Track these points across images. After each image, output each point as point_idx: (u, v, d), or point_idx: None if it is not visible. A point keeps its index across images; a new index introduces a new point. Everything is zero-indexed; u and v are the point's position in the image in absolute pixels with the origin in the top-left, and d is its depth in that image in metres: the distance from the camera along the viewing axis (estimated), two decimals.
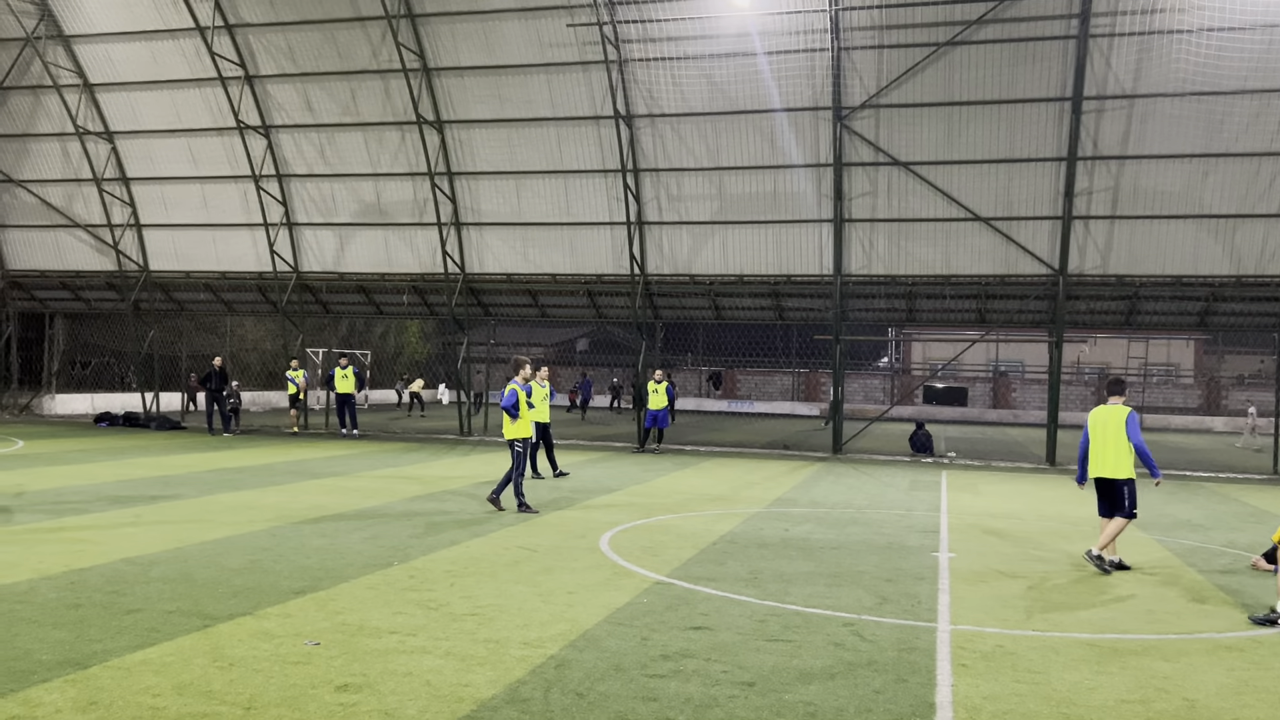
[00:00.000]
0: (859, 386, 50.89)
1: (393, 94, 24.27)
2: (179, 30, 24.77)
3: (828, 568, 9.63)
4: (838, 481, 17.82)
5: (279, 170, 26.01)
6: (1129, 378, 48.64)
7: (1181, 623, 7.86)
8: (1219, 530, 13.21)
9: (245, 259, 27.42)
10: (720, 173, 23.26)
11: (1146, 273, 21.65)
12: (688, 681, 5.92)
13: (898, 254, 22.75)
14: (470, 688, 5.68)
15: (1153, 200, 21.14)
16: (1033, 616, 7.89)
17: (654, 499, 14.53)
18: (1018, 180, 21.59)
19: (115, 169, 27.26)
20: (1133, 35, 19.90)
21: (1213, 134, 20.34)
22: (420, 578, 8.58)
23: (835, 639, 6.97)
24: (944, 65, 21.04)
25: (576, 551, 10.10)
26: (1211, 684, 6.24)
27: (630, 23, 22.07)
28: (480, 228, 25.33)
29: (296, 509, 12.48)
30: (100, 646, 6.23)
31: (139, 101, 26.37)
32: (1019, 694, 5.92)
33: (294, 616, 7.12)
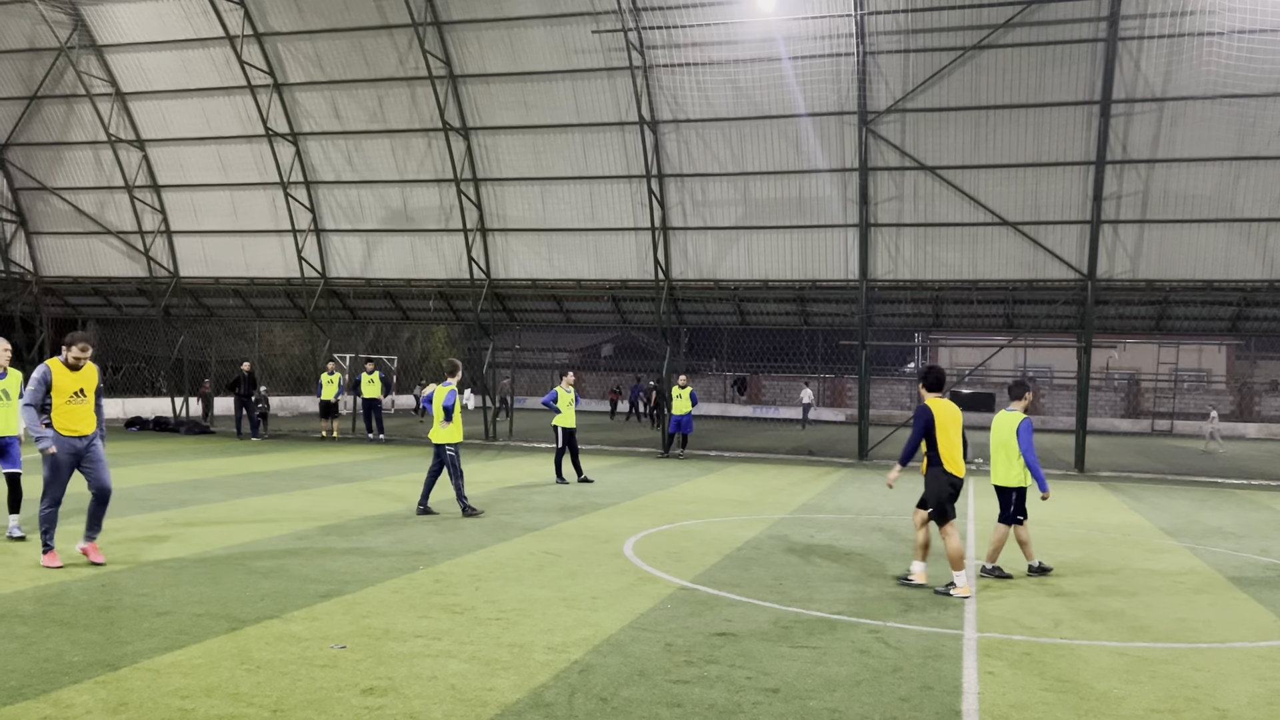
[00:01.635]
0: (885, 392, 50.61)
1: (419, 101, 24.44)
2: (209, 39, 25.08)
3: (853, 574, 9.58)
4: (863, 488, 17.73)
5: (307, 177, 26.25)
6: (1159, 383, 48.14)
7: (1213, 631, 7.76)
8: (1252, 538, 13.03)
9: (274, 265, 27.67)
10: (745, 178, 23.24)
11: (1177, 277, 21.41)
12: (712, 687, 5.91)
13: (924, 259, 22.63)
14: (494, 692, 5.70)
15: (1183, 204, 20.91)
16: (1061, 624, 7.82)
17: (678, 504, 14.52)
18: (1045, 184, 21.43)
19: (146, 176, 27.61)
20: (1162, 38, 19.72)
21: (1244, 137, 20.10)
22: (445, 582, 8.61)
23: (860, 646, 6.93)
24: (971, 69, 20.93)
25: (601, 556, 10.11)
26: (1243, 694, 6.16)
27: (655, 28, 22.11)
28: (506, 233, 25.44)
29: (323, 513, 12.57)
30: (130, 648, 6.30)
31: (170, 110, 26.71)
32: (1046, 702, 5.86)
33: (320, 620, 7.17)
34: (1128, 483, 20.37)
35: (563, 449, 17.08)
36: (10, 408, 10.01)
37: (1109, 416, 47.28)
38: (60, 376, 8.78)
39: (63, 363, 8.85)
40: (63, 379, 8.79)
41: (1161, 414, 45.94)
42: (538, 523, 12.31)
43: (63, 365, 8.83)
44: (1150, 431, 44.03)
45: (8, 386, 10.05)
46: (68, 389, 8.79)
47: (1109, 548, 11.79)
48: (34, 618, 6.98)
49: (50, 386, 8.71)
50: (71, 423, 8.77)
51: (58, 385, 8.75)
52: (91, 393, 8.92)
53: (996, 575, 9.71)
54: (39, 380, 8.68)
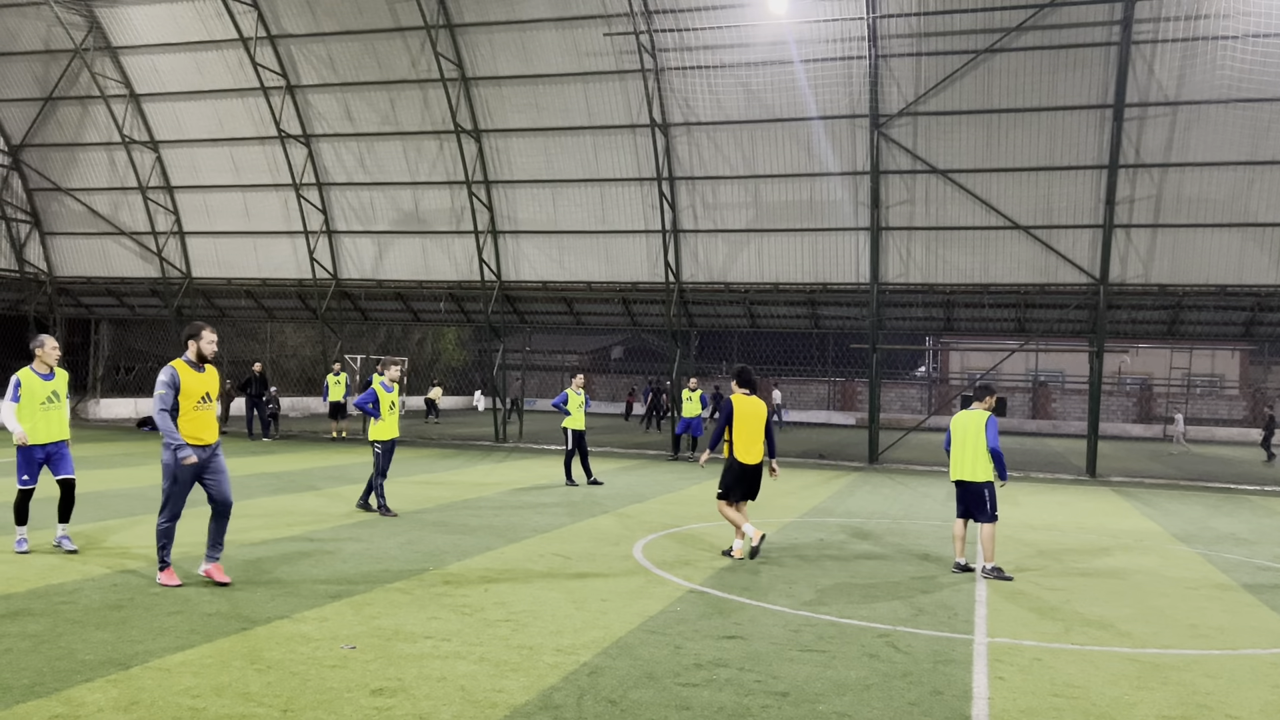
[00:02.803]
0: (896, 396, 50.52)
1: (431, 103, 24.51)
2: (223, 41, 25.20)
3: (863, 578, 9.56)
4: (874, 491, 17.69)
5: (319, 179, 26.34)
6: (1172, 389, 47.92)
7: (1225, 638, 7.72)
8: (1265, 545, 12.95)
9: (285, 266, 27.77)
10: (756, 181, 23.23)
11: (1190, 282, 21.32)
12: (721, 690, 5.91)
13: (935, 262, 22.58)
14: (504, 693, 5.71)
15: (1196, 208, 20.82)
16: (1072, 630, 7.78)
17: (688, 507, 14.51)
18: (1058, 188, 21.37)
19: (160, 177, 27.75)
20: (1176, 41, 19.65)
21: (1259, 141, 20.01)
22: (455, 583, 8.63)
23: (870, 650, 6.92)
24: (983, 72, 20.89)
25: (610, 559, 10.11)
26: (1256, 701, 6.12)
27: (667, 31, 22.13)
28: (517, 236, 25.49)
29: (333, 514, 12.60)
30: (142, 647, 6.33)
31: (183, 111, 26.85)
32: (1057, 708, 5.84)
33: (330, 620, 7.19)
34: (1140, 488, 20.27)
35: (572, 451, 17.08)
36: (60, 410, 9.38)
37: (1121, 421, 47.09)
38: (188, 379, 8.05)
39: (186, 361, 8.13)
40: (190, 381, 8.07)
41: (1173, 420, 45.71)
42: (547, 524, 12.31)
43: (188, 366, 8.10)
44: (1163, 437, 43.82)
45: (57, 388, 9.40)
46: (195, 392, 8.09)
47: (1121, 553, 11.74)
48: (46, 616, 7.02)
49: (179, 390, 7.98)
50: (198, 430, 8.09)
51: (185, 389, 8.01)
52: (215, 397, 8.31)
53: (997, 576, 9.71)
54: (168, 384, 7.96)
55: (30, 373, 9.27)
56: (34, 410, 9.17)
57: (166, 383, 7.97)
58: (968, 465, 9.96)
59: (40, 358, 9.30)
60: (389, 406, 12.90)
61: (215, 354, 8.23)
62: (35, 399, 9.19)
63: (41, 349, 9.30)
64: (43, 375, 9.30)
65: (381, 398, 12.79)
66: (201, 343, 8.14)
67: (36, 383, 9.24)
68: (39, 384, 9.25)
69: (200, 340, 8.14)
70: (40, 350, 9.29)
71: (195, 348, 8.14)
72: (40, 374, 9.29)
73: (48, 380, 9.31)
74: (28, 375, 9.25)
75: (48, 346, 9.33)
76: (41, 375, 9.30)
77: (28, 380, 9.22)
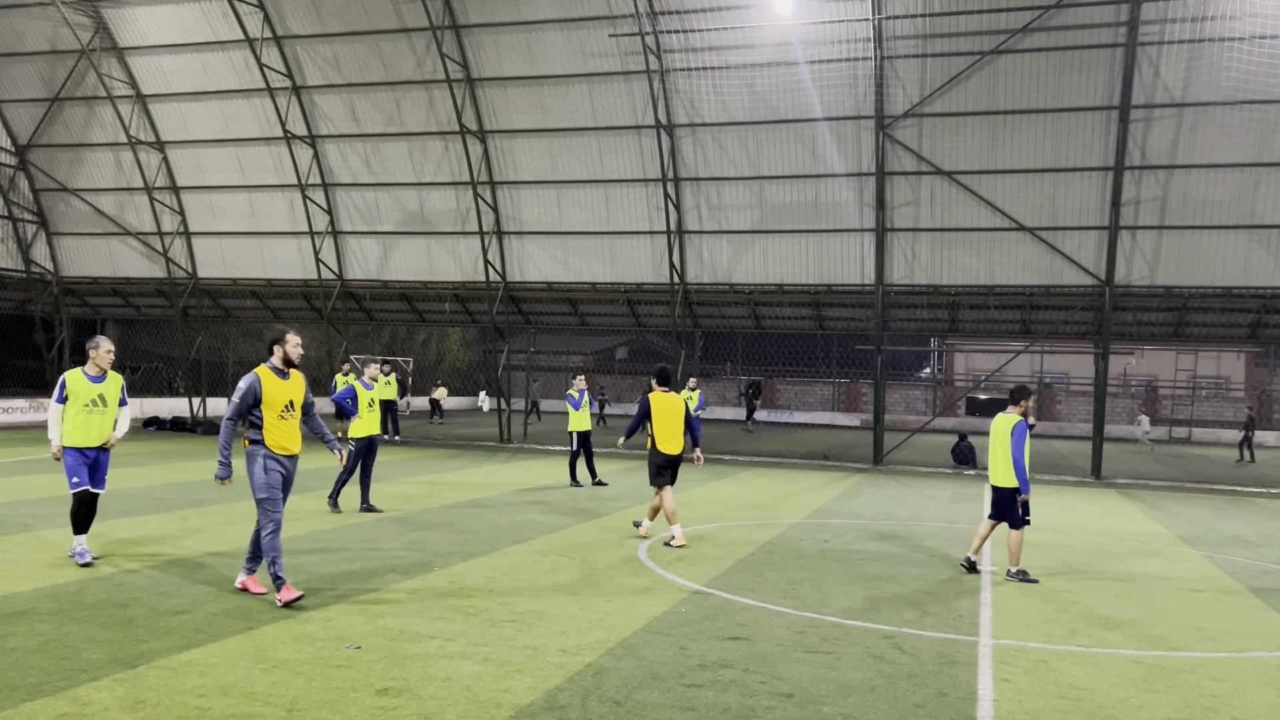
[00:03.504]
0: (901, 397, 50.46)
1: (436, 104, 24.53)
2: (229, 42, 25.24)
3: (868, 580, 9.55)
4: (878, 493, 17.67)
5: (324, 179, 26.38)
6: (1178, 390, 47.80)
7: (1231, 641, 7.70)
8: (1270, 547, 12.92)
9: (291, 266, 27.82)
10: (761, 182, 23.23)
11: (1195, 284, 21.28)
12: (725, 692, 5.91)
13: (940, 264, 22.56)
14: (509, 694, 5.71)
15: (1202, 210, 20.79)
16: (1077, 632, 7.78)
17: (692, 509, 14.51)
18: (1063, 190, 21.34)
19: (166, 178, 27.81)
20: (1182, 43, 19.62)
21: (1264, 143, 19.97)
22: (460, 584, 8.64)
23: (875, 651, 6.91)
24: (988, 74, 20.86)
25: (615, 560, 10.11)
26: (1261, 703, 6.11)
27: (672, 32, 22.14)
28: (521, 236, 25.51)
29: (338, 515, 12.62)
30: (148, 646, 6.35)
31: (189, 112, 26.90)
32: (1062, 710, 5.83)
33: (336, 620, 7.20)
34: (1145, 490, 20.23)
35: (577, 452, 17.09)
36: (107, 415, 8.94)
37: (1126, 423, 46.97)
38: (271, 387, 7.62)
39: (271, 368, 7.69)
40: (274, 390, 7.62)
41: (1179, 421, 45.62)
42: (552, 525, 12.32)
43: (273, 373, 7.67)
44: (1168, 439, 43.74)
45: (105, 391, 8.94)
46: (279, 401, 7.65)
47: (1126, 555, 11.73)
48: (53, 616, 7.04)
49: (259, 399, 7.58)
50: (284, 440, 7.70)
51: (268, 398, 7.60)
52: (300, 404, 7.87)
53: (1021, 579, 9.68)
54: (247, 391, 7.53)
55: (79, 374, 8.93)
56: (78, 412, 8.81)
57: (245, 391, 7.54)
58: (998, 470, 9.85)
59: (93, 359, 8.94)
60: (368, 405, 13.14)
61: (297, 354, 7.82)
62: (79, 400, 8.82)
63: (95, 350, 8.95)
64: (92, 377, 8.93)
65: (361, 395, 13.04)
66: (287, 347, 7.75)
67: (82, 384, 8.88)
68: (85, 386, 8.88)
69: (286, 344, 7.74)
70: (94, 352, 8.94)
71: (281, 352, 7.75)
72: (90, 376, 8.92)
73: (96, 383, 8.93)
74: (74, 376, 8.91)
75: (102, 349, 8.96)
76: (91, 377, 8.92)
77: (73, 381, 8.88)
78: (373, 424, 13.19)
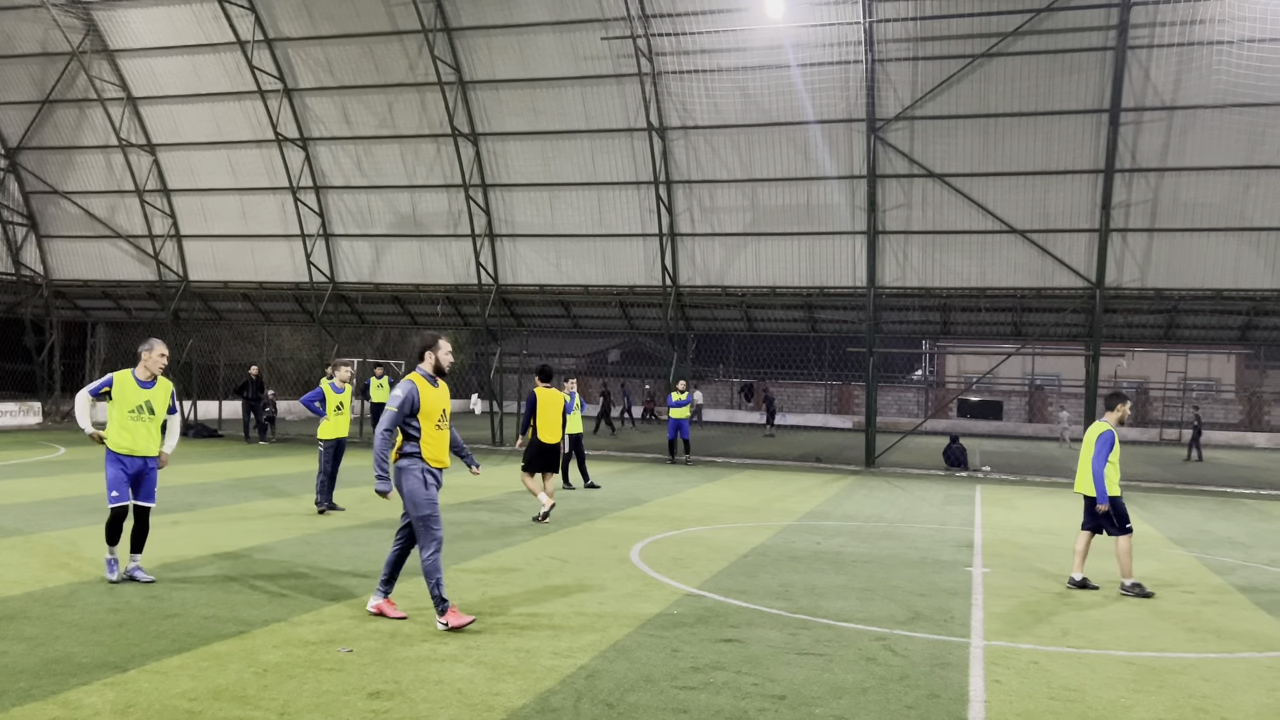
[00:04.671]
0: (893, 399, 50.56)
1: (429, 107, 24.52)
2: (220, 44, 25.19)
3: (860, 581, 9.57)
4: (871, 495, 17.70)
5: (316, 182, 26.34)
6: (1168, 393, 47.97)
7: (1221, 642, 7.73)
8: (1261, 549, 12.98)
9: (283, 269, 27.77)
10: (753, 184, 23.26)
11: (1186, 286, 21.36)
12: (718, 694, 5.91)
13: (932, 266, 22.62)
14: (501, 696, 5.71)
15: (1192, 213, 20.87)
16: (1068, 633, 7.80)
17: (684, 511, 14.51)
18: (1054, 192, 21.41)
19: (157, 180, 27.73)
20: (1172, 46, 19.70)
21: (1254, 146, 20.06)
22: (452, 586, 8.62)
23: (867, 653, 6.92)
24: (979, 77, 20.93)
25: (607, 562, 10.11)
26: (1251, 704, 6.14)
27: (664, 35, 22.16)
28: (514, 239, 25.50)
29: (331, 516, 12.60)
30: (138, 650, 6.33)
31: (180, 114, 26.83)
32: (1054, 711, 5.85)
33: (328, 623, 7.18)
34: (1137, 492, 20.29)
35: (569, 454, 17.09)
36: (153, 424, 8.31)
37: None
38: (428, 396, 7.16)
39: (423, 375, 7.26)
40: (429, 398, 7.16)
41: (1170, 423, 45.77)
42: (544, 528, 12.31)
43: (427, 382, 7.22)
44: (1159, 441, 43.88)
45: (154, 398, 8.30)
46: (435, 410, 7.18)
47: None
48: (43, 619, 7.01)
49: (417, 409, 7.09)
50: (439, 453, 7.23)
51: (425, 407, 7.11)
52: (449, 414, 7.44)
53: (1138, 593, 9.39)
54: (406, 400, 7.04)
55: (128, 375, 8.30)
56: (123, 418, 8.17)
57: (404, 400, 7.02)
58: (1087, 478, 9.74)
59: (144, 363, 8.31)
60: (335, 407, 13.21)
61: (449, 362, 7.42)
62: (125, 405, 8.18)
63: (149, 353, 8.31)
64: (142, 382, 8.29)
65: (329, 398, 13.09)
66: (439, 353, 7.31)
67: (130, 387, 8.23)
68: (133, 389, 8.23)
69: (438, 351, 7.31)
70: (146, 354, 8.30)
71: (433, 359, 7.31)
72: (140, 380, 8.29)
73: (145, 388, 8.28)
74: (123, 380, 8.27)
75: (155, 352, 8.32)
76: (141, 382, 8.28)
77: (121, 385, 8.23)
78: (341, 426, 13.28)
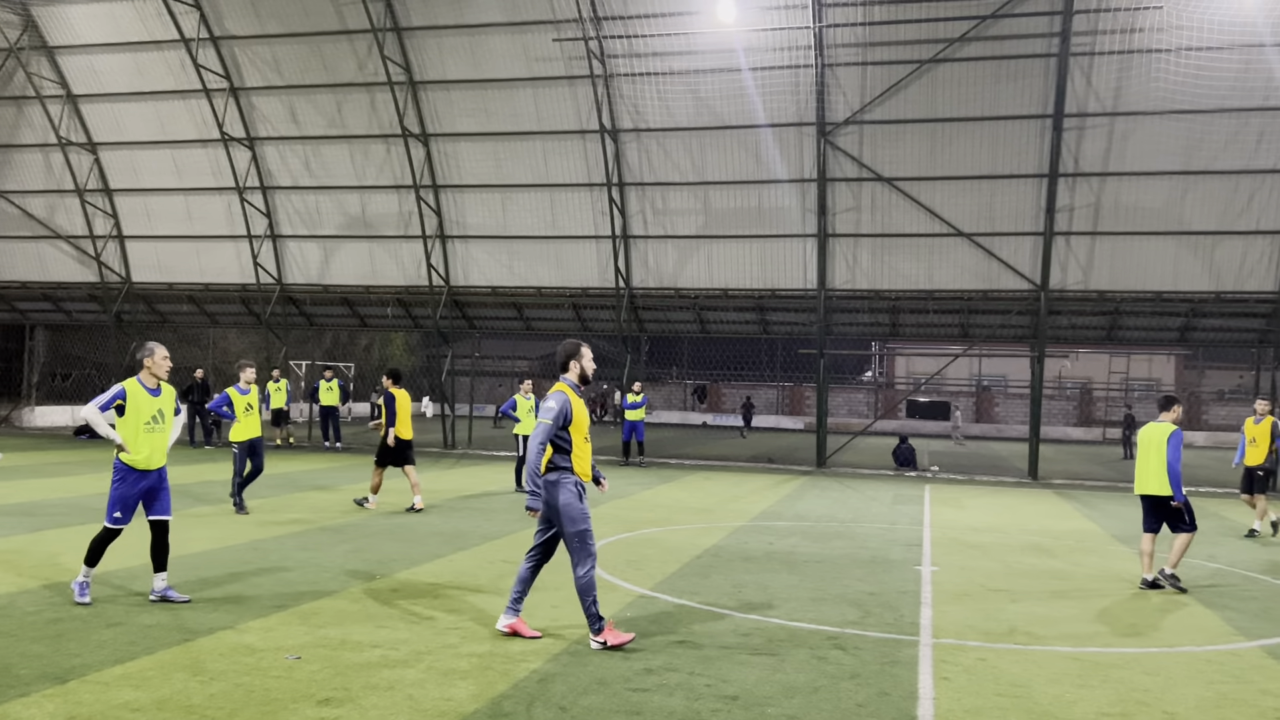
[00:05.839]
0: (843, 400, 51.04)
1: (379, 107, 24.28)
2: (164, 42, 24.74)
3: (811, 581, 9.64)
4: (822, 495, 17.85)
5: (263, 182, 25.96)
6: (1111, 393, 48.99)
7: (1162, 636, 7.91)
8: (1199, 545, 13.27)
9: (229, 271, 27.33)
10: (705, 187, 23.35)
11: (1127, 288, 21.84)
12: (671, 695, 5.92)
13: (881, 269, 22.87)
14: (453, 702, 5.66)
15: (1133, 217, 21.34)
16: (1015, 630, 7.92)
17: (637, 513, 14.52)
18: (1000, 196, 21.76)
19: (98, 180, 27.15)
20: (1113, 54, 20.13)
21: (1192, 152, 20.56)
22: (403, 591, 8.55)
23: (818, 653, 6.98)
24: (927, 82, 21.21)
25: (560, 565, 10.04)
26: (1191, 697, 6.28)
27: (616, 38, 22.16)
28: (465, 241, 25.34)
29: (279, 522, 12.42)
30: (79, 660, 6.18)
31: (123, 113, 26.30)
32: (1001, 707, 5.94)
33: (275, 630, 7.08)
34: (1080, 490, 20.69)
35: (524, 458, 16.95)
36: (164, 432, 7.91)
37: (1062, 425, 48.04)
38: (578, 407, 6.93)
39: (571, 385, 7.00)
40: (579, 411, 6.93)
41: (1113, 422, 46.76)
42: (497, 531, 12.25)
43: (574, 391, 6.98)
44: (1102, 440, 44.80)
45: (163, 406, 7.89)
46: (584, 421, 6.97)
47: (1063, 554, 11.98)
48: None
49: (569, 421, 6.82)
50: (586, 465, 7.00)
51: (577, 419, 6.86)
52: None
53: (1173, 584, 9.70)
54: (560, 412, 6.77)
55: (138, 385, 7.80)
56: (137, 430, 7.70)
57: (558, 412, 6.76)
58: (1153, 479, 9.90)
59: (149, 369, 7.86)
60: (244, 409, 13.34)
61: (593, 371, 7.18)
62: (140, 417, 7.70)
63: (151, 358, 7.86)
64: (150, 390, 7.84)
65: (236, 400, 13.18)
66: (584, 361, 7.07)
67: (143, 398, 7.76)
68: (145, 399, 7.77)
69: (583, 359, 7.07)
70: (150, 360, 7.85)
71: (579, 368, 7.06)
72: (148, 388, 7.84)
73: (154, 396, 7.84)
74: (135, 389, 7.77)
75: (158, 356, 7.88)
76: (149, 390, 7.84)
77: (134, 395, 7.74)
78: (253, 427, 13.43)
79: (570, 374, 7.05)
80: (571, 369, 7.05)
